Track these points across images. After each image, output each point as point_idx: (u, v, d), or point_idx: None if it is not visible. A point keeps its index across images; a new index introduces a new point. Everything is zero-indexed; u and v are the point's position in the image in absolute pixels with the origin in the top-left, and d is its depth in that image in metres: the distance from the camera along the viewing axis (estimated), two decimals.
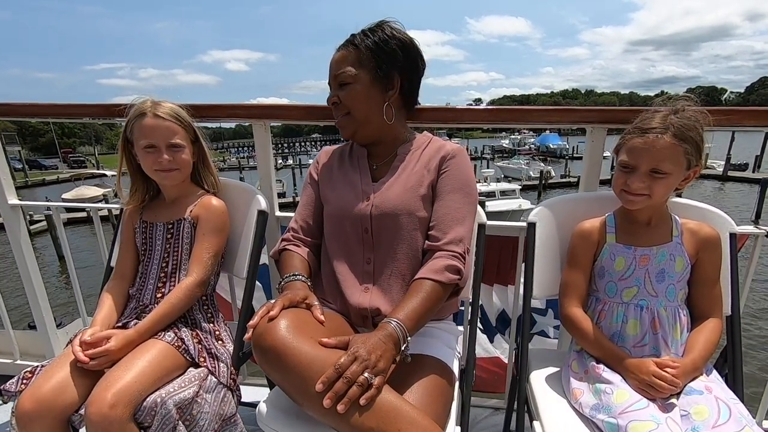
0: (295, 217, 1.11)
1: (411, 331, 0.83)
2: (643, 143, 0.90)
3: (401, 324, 0.81)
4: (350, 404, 0.70)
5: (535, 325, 1.49)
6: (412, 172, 1.02)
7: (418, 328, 0.85)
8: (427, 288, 0.88)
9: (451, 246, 0.93)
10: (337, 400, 0.69)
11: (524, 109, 1.26)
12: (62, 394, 0.89)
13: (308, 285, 0.95)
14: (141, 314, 1.07)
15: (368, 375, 0.71)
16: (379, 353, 0.75)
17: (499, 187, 19.20)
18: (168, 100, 1.14)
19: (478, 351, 1.52)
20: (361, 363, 0.72)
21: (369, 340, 0.77)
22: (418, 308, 0.85)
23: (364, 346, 0.75)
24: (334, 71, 1.02)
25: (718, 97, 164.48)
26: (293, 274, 0.96)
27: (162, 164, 1.09)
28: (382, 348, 0.76)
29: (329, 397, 0.69)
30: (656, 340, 0.94)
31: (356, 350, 0.74)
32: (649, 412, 0.79)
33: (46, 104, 1.48)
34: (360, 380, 0.70)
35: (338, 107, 1.04)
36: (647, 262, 0.96)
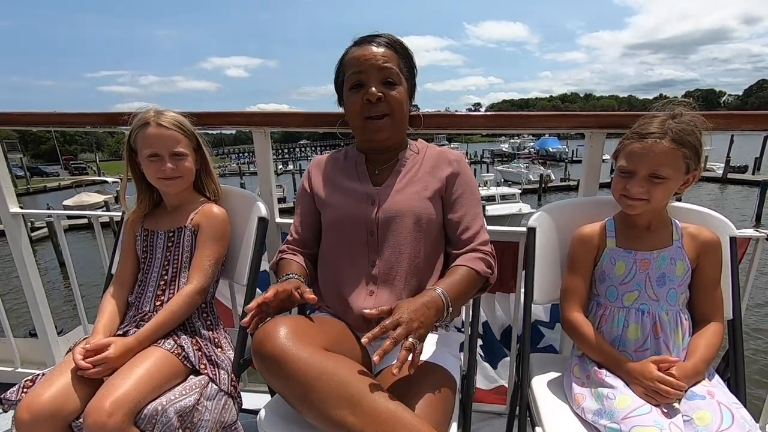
0: (291, 229, 1.12)
1: (453, 303, 0.86)
2: (642, 148, 0.91)
3: (445, 293, 0.85)
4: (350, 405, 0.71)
5: (542, 339, 1.47)
6: (417, 177, 1.03)
7: (457, 304, 0.89)
8: (464, 272, 0.94)
9: (484, 247, 1.01)
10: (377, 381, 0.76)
11: (522, 114, 1.27)
12: (62, 402, 0.88)
13: (302, 282, 0.95)
14: (140, 322, 1.07)
15: (413, 340, 0.75)
16: (421, 320, 0.78)
17: (499, 191, 19.19)
18: (170, 108, 1.15)
19: (480, 382, 1.50)
20: (404, 327, 0.75)
21: (412, 304, 0.80)
22: (458, 285, 0.91)
23: (408, 312, 0.78)
24: (380, 63, 0.95)
25: (716, 99, 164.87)
26: (287, 275, 0.97)
27: (165, 173, 1.10)
28: (424, 314, 0.79)
29: (378, 354, 0.72)
30: (658, 344, 0.93)
31: (400, 315, 0.77)
32: (652, 418, 0.79)
33: (48, 113, 1.49)
34: (407, 344, 0.74)
35: (378, 105, 0.97)
36: (648, 266, 0.96)
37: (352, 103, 0.99)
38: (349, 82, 0.99)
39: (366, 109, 0.98)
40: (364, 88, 0.97)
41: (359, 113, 0.99)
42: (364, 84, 0.97)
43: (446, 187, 1.03)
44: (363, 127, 1.01)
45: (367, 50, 0.97)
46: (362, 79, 0.97)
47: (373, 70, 0.96)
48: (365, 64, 0.96)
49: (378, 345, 1.01)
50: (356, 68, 0.97)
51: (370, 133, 1.01)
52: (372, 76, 0.96)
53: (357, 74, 0.97)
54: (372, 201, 1.01)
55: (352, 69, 0.98)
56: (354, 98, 0.98)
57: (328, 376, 0.73)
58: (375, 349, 1.01)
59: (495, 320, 1.50)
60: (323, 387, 0.72)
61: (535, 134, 51.29)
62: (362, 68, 0.96)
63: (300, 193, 1.13)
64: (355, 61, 0.97)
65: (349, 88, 0.99)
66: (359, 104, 0.98)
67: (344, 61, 1.02)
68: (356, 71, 0.97)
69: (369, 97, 0.96)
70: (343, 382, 0.73)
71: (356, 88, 0.98)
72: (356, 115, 1.00)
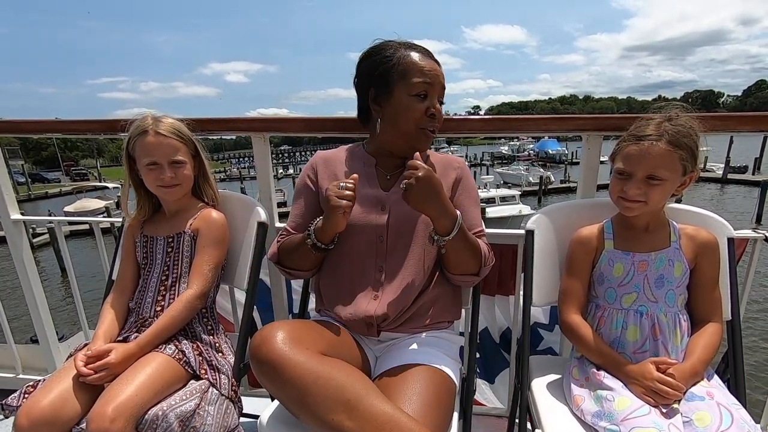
0: (288, 223, 1.09)
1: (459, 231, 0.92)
2: (638, 150, 0.91)
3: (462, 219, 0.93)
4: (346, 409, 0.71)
5: (541, 341, 1.47)
6: None
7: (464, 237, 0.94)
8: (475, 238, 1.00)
9: (484, 238, 1.05)
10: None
11: (519, 118, 1.28)
12: (62, 408, 0.88)
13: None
14: (141, 328, 1.07)
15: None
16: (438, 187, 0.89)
17: (499, 193, 19.21)
18: (168, 114, 1.15)
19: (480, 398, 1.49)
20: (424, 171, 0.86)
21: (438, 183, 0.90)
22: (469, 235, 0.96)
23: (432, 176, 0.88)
24: (442, 83, 1.01)
25: (715, 100, 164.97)
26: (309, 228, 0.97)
27: (164, 181, 1.10)
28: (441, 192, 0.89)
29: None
30: (656, 346, 0.94)
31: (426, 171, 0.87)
32: (651, 419, 0.79)
33: (48, 120, 1.50)
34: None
35: (434, 120, 1.01)
36: (646, 268, 0.97)
37: (414, 109, 0.98)
38: (416, 88, 0.98)
39: (424, 121, 1.00)
40: (429, 101, 0.99)
41: (417, 121, 0.99)
42: (429, 96, 0.99)
43: (451, 192, 1.06)
44: (415, 135, 1.01)
45: (434, 65, 1.00)
46: (429, 91, 0.99)
47: (438, 87, 1.00)
48: (434, 78, 0.99)
49: (379, 351, 1.02)
50: (426, 78, 0.98)
51: (418, 142, 1.01)
52: (436, 91, 1.00)
53: (426, 84, 0.98)
54: (382, 207, 1.01)
55: (420, 77, 0.97)
56: (418, 106, 0.98)
57: (324, 380, 0.73)
58: (375, 354, 1.02)
59: (494, 324, 1.50)
60: (320, 391, 0.72)
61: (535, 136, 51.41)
62: (431, 81, 0.98)
63: (302, 186, 1.10)
64: (425, 71, 0.98)
65: (414, 93, 0.98)
66: (420, 113, 0.99)
67: (400, 61, 0.99)
68: (426, 81, 0.98)
69: (436, 113, 1.00)
70: (340, 386, 0.73)
71: (420, 96, 0.99)
72: (413, 121, 0.99)
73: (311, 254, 0.98)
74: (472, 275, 1.01)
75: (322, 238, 0.95)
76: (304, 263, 1.03)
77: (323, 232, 0.94)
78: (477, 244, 0.98)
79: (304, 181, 1.10)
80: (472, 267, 1.00)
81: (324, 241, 0.95)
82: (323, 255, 1.02)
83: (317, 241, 0.95)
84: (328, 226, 0.92)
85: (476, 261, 0.99)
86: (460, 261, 0.98)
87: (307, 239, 0.96)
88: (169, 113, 1.16)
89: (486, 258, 1.01)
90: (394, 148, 1.06)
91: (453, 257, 0.97)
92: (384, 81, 1.00)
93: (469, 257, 0.98)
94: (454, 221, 0.91)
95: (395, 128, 1.02)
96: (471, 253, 0.97)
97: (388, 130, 1.03)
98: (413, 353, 0.94)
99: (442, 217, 0.90)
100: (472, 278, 1.03)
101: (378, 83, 1.01)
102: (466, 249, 0.96)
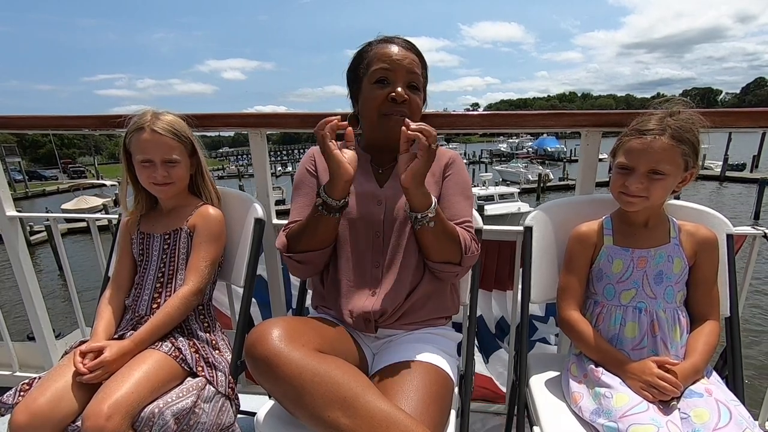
0: (291, 217, 1.05)
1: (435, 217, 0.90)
2: (641, 144, 0.91)
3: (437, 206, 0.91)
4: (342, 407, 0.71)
5: (536, 332, 1.49)
6: None
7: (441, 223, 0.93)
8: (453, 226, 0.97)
9: (470, 230, 1.02)
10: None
11: (518, 114, 1.27)
12: (58, 406, 0.88)
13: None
14: (137, 325, 1.06)
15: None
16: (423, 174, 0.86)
17: (497, 191, 19.20)
18: (169, 111, 1.14)
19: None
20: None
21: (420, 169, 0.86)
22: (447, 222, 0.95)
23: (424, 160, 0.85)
24: (407, 68, 0.97)
25: (714, 98, 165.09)
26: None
27: (156, 179, 1.09)
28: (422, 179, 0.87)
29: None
30: (655, 342, 0.94)
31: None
32: (649, 416, 0.79)
33: (44, 116, 1.49)
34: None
35: (401, 106, 0.97)
36: (645, 264, 0.96)
37: (373, 97, 0.97)
38: (374, 76, 0.97)
39: (386, 107, 0.97)
40: (391, 87, 0.96)
41: (377, 108, 0.98)
42: (391, 82, 0.96)
43: (442, 185, 1.05)
44: (378, 122, 0.99)
45: (398, 50, 0.97)
46: (389, 77, 0.96)
47: (402, 72, 0.96)
48: (395, 63, 0.96)
49: (376, 348, 1.01)
50: (385, 64, 0.96)
51: (383, 130, 0.99)
52: (400, 76, 0.96)
53: (385, 70, 0.96)
54: (378, 201, 1.01)
55: (379, 64, 0.96)
56: (377, 93, 0.97)
57: (320, 377, 0.72)
58: (372, 351, 1.01)
59: (490, 315, 1.51)
60: (315, 389, 0.72)
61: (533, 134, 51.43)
62: (392, 66, 0.96)
63: (303, 177, 1.07)
64: (384, 57, 0.96)
65: (373, 81, 0.97)
66: (380, 99, 0.97)
67: (368, 54, 0.99)
68: (385, 67, 0.96)
69: (396, 97, 0.96)
70: (336, 384, 0.72)
71: (381, 83, 0.97)
72: (374, 109, 0.98)
73: (322, 223, 0.93)
74: (454, 264, 0.98)
75: (331, 192, 0.90)
76: (316, 238, 0.96)
77: (332, 184, 0.90)
78: (455, 230, 0.96)
79: (305, 172, 1.07)
80: (453, 255, 0.96)
81: (335, 195, 0.90)
82: (335, 224, 0.96)
83: (327, 197, 0.90)
84: (332, 169, 0.88)
85: (456, 248, 0.96)
86: (439, 247, 0.95)
87: (316, 202, 0.92)
88: (167, 109, 1.14)
89: (467, 246, 0.97)
90: (376, 142, 1.06)
91: (432, 242, 0.94)
92: (356, 76, 1.02)
93: (447, 241, 0.94)
94: (429, 201, 0.89)
95: (366, 121, 1.03)
96: (448, 237, 0.94)
97: (364, 125, 1.05)
98: (410, 350, 0.93)
99: (417, 194, 0.88)
100: (455, 268, 0.98)
101: (353, 82, 1.03)
102: (444, 233, 0.93)
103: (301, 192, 1.06)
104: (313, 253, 0.98)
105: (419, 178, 0.86)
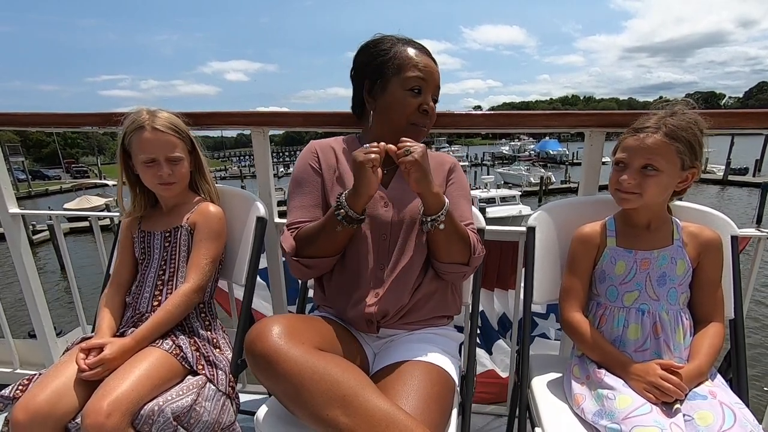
0: (294, 217, 1.02)
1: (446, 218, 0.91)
2: (635, 140, 0.93)
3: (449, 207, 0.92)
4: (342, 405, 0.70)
5: (536, 327, 1.49)
6: None
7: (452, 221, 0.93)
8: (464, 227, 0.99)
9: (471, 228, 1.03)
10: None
11: (522, 113, 1.27)
12: (57, 403, 0.88)
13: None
14: (138, 323, 1.06)
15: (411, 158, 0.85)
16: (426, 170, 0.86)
17: (499, 194, 19.18)
18: (162, 108, 1.13)
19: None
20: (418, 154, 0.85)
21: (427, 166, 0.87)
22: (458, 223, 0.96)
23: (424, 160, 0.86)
24: (436, 82, 1.01)
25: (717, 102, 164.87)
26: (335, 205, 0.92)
27: (162, 178, 1.09)
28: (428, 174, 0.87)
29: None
30: (658, 344, 0.93)
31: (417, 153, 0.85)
32: (653, 418, 0.78)
33: (47, 114, 1.49)
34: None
35: (426, 117, 1.01)
36: (648, 266, 0.96)
37: (406, 104, 0.98)
38: (410, 83, 0.97)
39: (417, 117, 1.00)
40: (422, 97, 0.99)
41: (408, 116, 0.99)
42: (423, 92, 0.99)
43: (444, 187, 1.05)
44: (404, 128, 1.00)
45: (430, 62, 1.00)
46: (423, 87, 0.98)
47: (433, 84, 1.00)
48: (429, 75, 0.99)
49: (377, 347, 1.01)
50: (421, 74, 0.98)
51: (406, 136, 0.96)
52: (431, 88, 1.00)
53: (421, 80, 0.98)
54: (385, 203, 1.00)
55: (416, 72, 0.97)
56: (411, 101, 0.98)
57: (320, 375, 0.72)
58: (373, 350, 1.01)
59: (492, 310, 1.51)
60: (315, 386, 0.71)
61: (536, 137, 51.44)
62: (427, 77, 0.98)
63: (305, 174, 1.04)
64: (420, 66, 0.98)
65: (408, 87, 0.98)
66: (413, 108, 0.99)
67: (398, 55, 0.98)
68: (420, 77, 0.98)
69: (429, 110, 1.00)
70: (335, 382, 0.72)
71: (414, 91, 0.98)
72: (405, 115, 0.99)
73: (339, 233, 0.92)
74: (462, 264, 0.99)
75: (354, 206, 0.89)
76: (330, 246, 0.95)
77: (356, 198, 0.89)
78: (465, 231, 0.98)
79: (308, 169, 1.04)
80: (462, 255, 0.98)
81: (357, 209, 0.89)
82: (351, 233, 0.95)
83: (350, 210, 0.89)
84: (361, 186, 0.87)
85: (466, 248, 0.97)
86: (450, 248, 0.96)
87: (336, 213, 0.90)
88: (163, 108, 1.13)
89: (475, 247, 0.99)
90: (386, 142, 1.04)
91: (443, 243, 0.95)
92: (379, 73, 1.00)
93: (458, 241, 0.96)
94: (442, 201, 0.91)
95: (387, 121, 1.01)
96: (459, 238, 0.96)
97: (380, 123, 1.03)
98: (412, 350, 0.93)
99: (431, 195, 0.89)
100: (463, 268, 0.99)
101: (373, 75, 1.01)
102: (455, 234, 0.95)
103: (304, 190, 1.03)
104: (323, 260, 0.97)
105: (424, 181, 0.87)
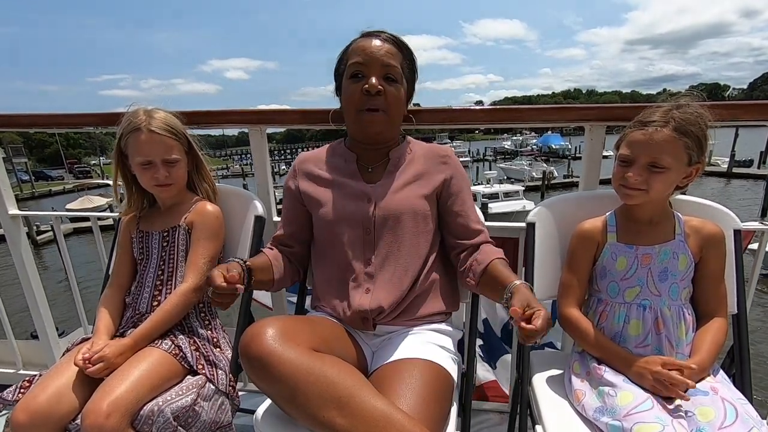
0: (278, 229, 1.11)
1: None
2: (643, 135, 0.89)
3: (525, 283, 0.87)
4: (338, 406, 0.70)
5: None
6: (412, 174, 1.02)
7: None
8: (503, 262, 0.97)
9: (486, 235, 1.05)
10: None
11: (522, 108, 1.26)
12: (58, 403, 0.88)
13: (241, 264, 0.90)
14: (138, 323, 1.06)
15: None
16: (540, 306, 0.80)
17: (502, 189, 19.08)
18: (160, 107, 1.12)
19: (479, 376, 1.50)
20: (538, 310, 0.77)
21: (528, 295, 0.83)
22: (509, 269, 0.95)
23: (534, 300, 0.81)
24: (383, 59, 0.95)
25: (721, 94, 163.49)
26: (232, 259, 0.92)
27: (159, 180, 1.09)
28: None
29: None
30: (659, 340, 0.92)
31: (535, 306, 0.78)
32: (654, 414, 0.77)
33: (47, 114, 1.49)
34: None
35: (376, 98, 0.96)
36: (649, 261, 0.95)
37: (350, 92, 0.97)
38: (350, 70, 0.97)
39: (363, 101, 0.96)
40: (365, 80, 0.95)
41: (355, 103, 0.97)
42: (365, 75, 0.95)
43: (442, 183, 1.03)
44: (355, 118, 0.99)
45: (373, 43, 0.96)
46: (363, 71, 0.95)
47: (377, 64, 0.95)
48: (369, 56, 0.95)
49: (375, 345, 1.00)
50: (359, 58, 0.95)
51: (362, 125, 0.99)
52: (374, 69, 0.95)
53: (359, 64, 0.95)
54: (368, 199, 1.00)
55: (354, 58, 0.96)
56: (352, 87, 0.96)
57: (315, 376, 0.71)
58: (371, 348, 1.00)
59: (495, 316, 1.49)
60: (310, 388, 0.71)
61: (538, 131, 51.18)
62: (365, 59, 0.95)
63: (285, 189, 1.11)
64: (359, 51, 0.96)
65: (349, 76, 0.97)
66: (356, 94, 0.96)
67: (347, 50, 1.00)
68: (359, 61, 0.95)
69: (369, 88, 0.94)
70: (331, 383, 0.71)
71: (356, 77, 0.97)
72: (351, 104, 0.98)
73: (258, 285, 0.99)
74: None
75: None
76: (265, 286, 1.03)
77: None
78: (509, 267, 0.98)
79: (287, 185, 1.10)
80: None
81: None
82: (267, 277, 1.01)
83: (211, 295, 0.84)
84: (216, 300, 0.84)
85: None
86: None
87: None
88: (160, 107, 1.12)
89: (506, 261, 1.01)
90: (359, 139, 1.05)
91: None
92: (337, 75, 1.03)
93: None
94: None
95: (346, 117, 1.03)
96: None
97: (347, 123, 1.05)
98: (410, 347, 0.92)
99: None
100: None
101: (337, 79, 1.04)
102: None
103: (286, 204, 1.11)
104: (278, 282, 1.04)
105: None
